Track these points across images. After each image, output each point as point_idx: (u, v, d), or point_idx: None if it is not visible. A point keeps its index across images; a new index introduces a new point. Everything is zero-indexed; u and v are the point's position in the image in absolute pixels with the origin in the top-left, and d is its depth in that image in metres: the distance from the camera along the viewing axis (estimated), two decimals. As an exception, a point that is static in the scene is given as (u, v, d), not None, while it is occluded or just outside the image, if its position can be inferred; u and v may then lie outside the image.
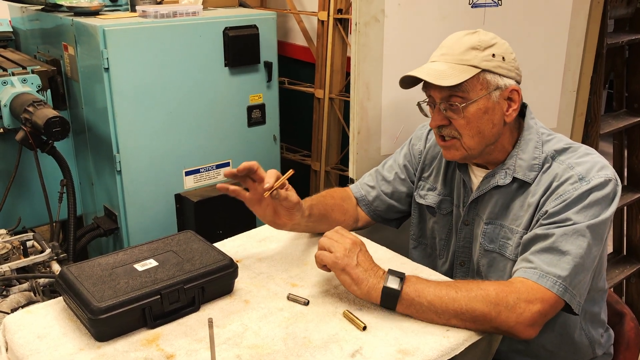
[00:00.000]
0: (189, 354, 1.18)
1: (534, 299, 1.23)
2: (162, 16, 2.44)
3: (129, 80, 2.37)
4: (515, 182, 1.42)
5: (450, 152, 1.44)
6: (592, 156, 1.37)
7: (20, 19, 3.08)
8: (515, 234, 1.40)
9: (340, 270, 1.28)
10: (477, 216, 1.50)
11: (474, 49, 1.36)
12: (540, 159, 1.40)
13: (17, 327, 1.25)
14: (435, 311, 1.24)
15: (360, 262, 1.29)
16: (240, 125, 2.74)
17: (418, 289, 1.26)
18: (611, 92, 2.95)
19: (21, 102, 2.23)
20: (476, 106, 1.36)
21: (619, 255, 2.85)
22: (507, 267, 1.42)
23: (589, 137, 2.32)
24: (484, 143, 1.40)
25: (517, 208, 1.41)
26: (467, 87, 1.35)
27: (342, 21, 2.74)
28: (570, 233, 1.27)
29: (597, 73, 2.21)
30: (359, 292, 1.28)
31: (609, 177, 1.31)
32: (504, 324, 1.22)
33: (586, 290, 1.32)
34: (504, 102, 1.39)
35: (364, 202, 1.69)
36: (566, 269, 1.25)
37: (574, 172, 1.33)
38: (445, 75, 1.35)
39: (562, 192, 1.32)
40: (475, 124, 1.37)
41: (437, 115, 1.41)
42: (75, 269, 1.33)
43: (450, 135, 1.41)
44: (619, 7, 2.39)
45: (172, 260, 1.37)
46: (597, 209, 1.29)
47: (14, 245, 2.01)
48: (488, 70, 1.36)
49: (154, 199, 2.56)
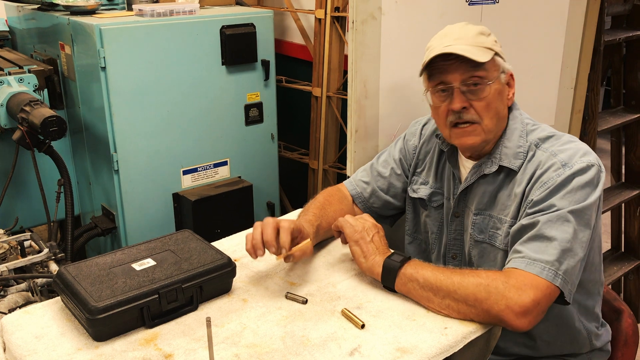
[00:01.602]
0: (187, 353, 1.17)
1: (524, 285, 1.23)
2: (159, 15, 2.44)
3: (126, 79, 2.36)
4: (502, 172, 1.44)
5: (471, 138, 1.43)
6: (575, 143, 1.38)
7: (16, 18, 3.07)
8: (504, 223, 1.42)
9: (354, 241, 1.40)
10: (466, 207, 1.52)
11: (482, 34, 1.41)
12: (524, 147, 1.42)
13: (14, 328, 1.25)
14: (430, 288, 1.28)
15: (374, 240, 1.40)
16: (238, 124, 2.74)
17: (417, 267, 1.32)
18: (609, 89, 2.95)
19: (18, 101, 2.22)
20: (494, 86, 1.40)
21: (617, 252, 2.85)
22: (497, 257, 1.43)
23: (587, 134, 2.32)
24: (499, 126, 1.43)
25: (504, 198, 1.43)
26: (487, 68, 1.38)
27: (339, 19, 2.74)
28: (554, 219, 1.28)
29: (594, 70, 2.21)
30: (364, 265, 1.38)
31: (591, 162, 1.32)
32: (494, 307, 1.22)
33: (577, 278, 1.32)
34: (506, 87, 1.43)
35: (360, 199, 1.69)
36: (553, 254, 1.26)
37: (556, 159, 1.35)
38: (474, 54, 1.36)
39: (546, 179, 1.33)
40: (494, 105, 1.40)
41: (458, 97, 1.40)
42: (72, 269, 1.32)
43: (471, 119, 1.41)
44: (616, 4, 2.39)
45: (170, 259, 1.37)
46: (581, 193, 1.30)
47: (12, 245, 2.01)
48: (497, 54, 1.41)
49: (151, 198, 2.56)
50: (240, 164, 2.79)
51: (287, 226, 1.38)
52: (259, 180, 2.84)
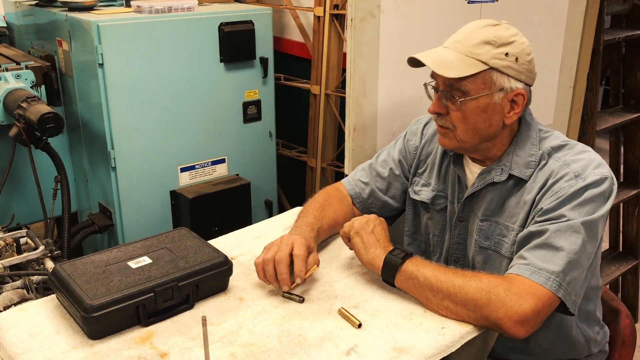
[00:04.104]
0: (183, 352, 1.17)
1: (526, 294, 1.22)
2: (157, 11, 2.43)
3: (123, 76, 2.35)
4: (511, 179, 1.41)
5: (444, 140, 1.44)
6: (588, 154, 1.36)
7: (14, 14, 3.05)
8: (511, 231, 1.39)
9: (355, 233, 1.41)
10: (472, 213, 1.49)
11: (487, 44, 1.32)
12: (536, 156, 1.39)
13: (9, 326, 1.24)
14: (430, 288, 1.27)
15: (375, 232, 1.40)
16: (236, 122, 2.73)
17: (418, 265, 1.31)
18: (608, 89, 2.95)
19: (15, 98, 2.21)
20: (475, 103, 1.34)
21: (614, 252, 2.85)
22: (502, 264, 1.41)
23: (586, 133, 2.32)
24: (478, 140, 1.39)
25: (512, 205, 1.41)
26: (470, 82, 1.33)
27: (338, 17, 2.73)
28: (564, 229, 1.26)
29: (593, 69, 2.21)
30: (365, 257, 1.37)
31: (604, 175, 1.31)
32: (493, 314, 1.21)
33: (582, 289, 1.31)
34: (507, 104, 1.36)
35: (359, 199, 1.68)
36: (560, 264, 1.24)
37: (569, 169, 1.32)
38: (450, 66, 1.32)
39: (558, 189, 1.31)
40: (472, 120, 1.36)
41: (437, 101, 1.39)
42: (68, 267, 1.32)
43: (444, 125, 1.40)
44: (616, 3, 2.38)
45: (166, 257, 1.36)
46: (592, 206, 1.28)
47: (7, 242, 2.00)
48: (496, 69, 1.32)
49: (149, 196, 2.55)
50: (238, 161, 2.78)
51: (302, 255, 1.35)
52: (257, 178, 2.83)
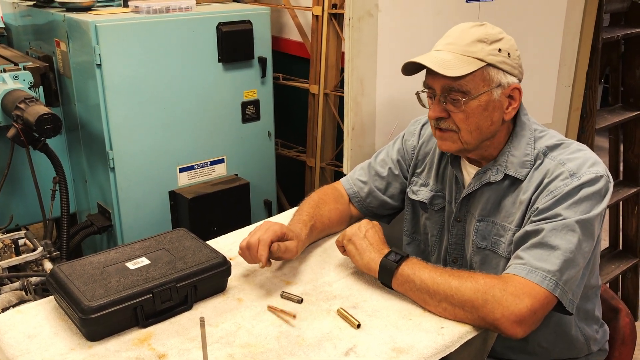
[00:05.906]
0: (181, 353, 1.17)
1: (522, 294, 1.21)
2: (155, 12, 2.43)
3: (121, 77, 2.35)
4: (507, 179, 1.41)
5: (446, 144, 1.42)
6: (583, 152, 1.36)
7: (12, 14, 3.05)
8: (508, 231, 1.39)
9: (348, 240, 1.41)
10: (469, 213, 1.49)
11: (480, 42, 1.33)
12: (532, 156, 1.39)
13: (7, 327, 1.24)
14: (427, 291, 1.27)
15: (368, 236, 1.40)
16: (235, 122, 2.73)
17: (415, 267, 1.31)
18: (607, 87, 2.95)
19: (13, 98, 2.21)
20: (477, 102, 1.34)
21: (614, 250, 2.85)
22: (499, 264, 1.41)
23: (585, 131, 2.32)
24: (480, 139, 1.39)
25: (509, 205, 1.40)
26: (470, 81, 1.33)
27: (336, 16, 2.73)
28: (559, 228, 1.26)
29: (592, 67, 2.20)
30: (360, 262, 1.37)
31: (600, 174, 1.30)
32: (490, 314, 1.21)
33: (580, 288, 1.31)
34: (505, 100, 1.37)
35: (357, 198, 1.67)
36: (556, 263, 1.24)
37: (565, 168, 1.32)
38: (450, 65, 1.32)
39: (553, 188, 1.31)
40: (474, 119, 1.35)
41: (436, 106, 1.38)
42: (66, 268, 1.31)
43: (448, 128, 1.39)
44: (615, 1, 2.38)
45: (164, 258, 1.36)
46: (588, 204, 1.28)
47: (6, 244, 2.00)
48: (492, 65, 1.33)
49: (147, 196, 2.55)
50: (237, 161, 2.78)
51: (265, 240, 1.36)
52: (256, 178, 2.83)
